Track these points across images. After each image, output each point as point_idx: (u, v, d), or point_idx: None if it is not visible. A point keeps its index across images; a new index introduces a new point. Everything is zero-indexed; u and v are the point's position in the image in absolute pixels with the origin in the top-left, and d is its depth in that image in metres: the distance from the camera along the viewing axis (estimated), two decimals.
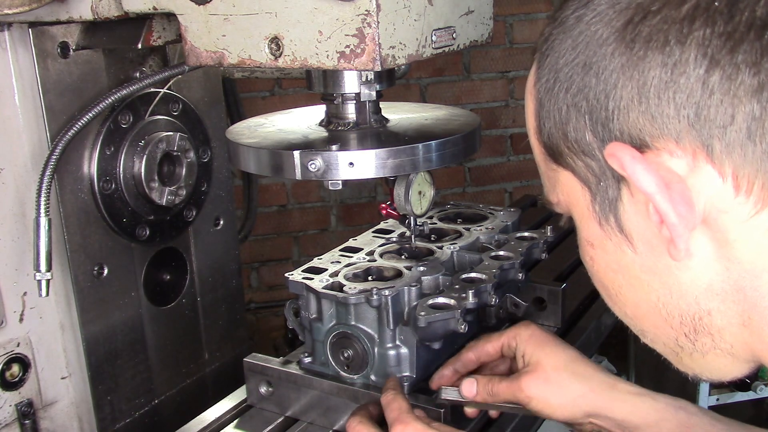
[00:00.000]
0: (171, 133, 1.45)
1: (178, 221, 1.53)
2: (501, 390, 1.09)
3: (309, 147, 1.13)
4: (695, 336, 0.72)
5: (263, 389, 1.28)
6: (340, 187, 1.12)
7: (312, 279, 1.24)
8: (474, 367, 1.21)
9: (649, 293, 0.73)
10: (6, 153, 1.26)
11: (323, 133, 1.22)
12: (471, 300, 1.17)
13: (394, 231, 1.46)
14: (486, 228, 1.45)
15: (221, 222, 1.65)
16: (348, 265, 1.30)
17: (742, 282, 0.67)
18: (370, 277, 1.29)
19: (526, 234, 1.43)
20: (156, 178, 1.42)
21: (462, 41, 1.13)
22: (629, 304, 0.77)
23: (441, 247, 1.36)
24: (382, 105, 1.26)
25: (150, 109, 1.42)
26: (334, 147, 1.11)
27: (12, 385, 1.32)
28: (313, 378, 1.23)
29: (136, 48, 1.27)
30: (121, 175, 1.39)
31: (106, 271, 1.40)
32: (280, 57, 1.04)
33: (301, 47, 1.02)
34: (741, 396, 2.56)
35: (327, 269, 1.28)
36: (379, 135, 1.20)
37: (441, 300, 1.19)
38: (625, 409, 1.01)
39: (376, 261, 1.32)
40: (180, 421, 1.27)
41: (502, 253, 1.33)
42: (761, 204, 0.63)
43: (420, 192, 1.24)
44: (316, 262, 1.32)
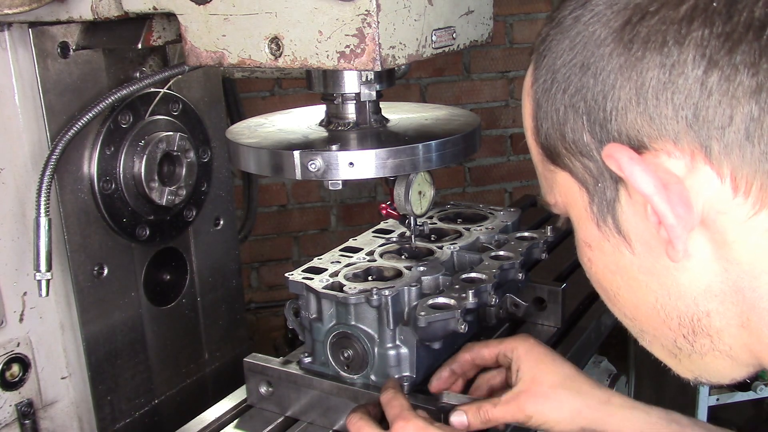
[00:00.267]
0: (171, 133, 1.45)
1: (178, 221, 1.53)
2: (496, 415, 1.08)
3: (309, 147, 1.13)
4: (694, 337, 0.72)
5: (263, 389, 1.28)
6: (340, 187, 1.12)
7: (312, 279, 1.24)
8: (470, 369, 1.21)
9: (648, 294, 0.73)
10: (6, 153, 1.26)
11: (323, 133, 1.22)
12: (471, 300, 1.17)
13: (394, 231, 1.46)
14: (486, 228, 1.45)
15: (221, 222, 1.65)
16: (348, 265, 1.30)
17: (740, 283, 0.67)
18: (370, 277, 1.29)
19: (526, 234, 1.43)
20: (156, 178, 1.42)
21: (462, 41, 1.13)
22: (628, 305, 0.77)
23: (441, 247, 1.36)
24: (382, 105, 1.26)
25: (150, 109, 1.42)
26: (334, 147, 1.11)
27: (12, 385, 1.32)
28: (313, 378, 1.23)
29: (136, 48, 1.27)
30: (121, 175, 1.39)
31: (106, 271, 1.40)
32: (280, 57, 1.04)
33: (301, 47, 1.02)
34: (741, 396, 2.56)
35: (327, 269, 1.28)
36: (379, 135, 1.20)
37: (441, 300, 1.19)
38: (619, 423, 1.04)
39: (376, 261, 1.32)
40: (180, 421, 1.27)
41: (502, 253, 1.33)
42: (759, 205, 0.63)
43: (420, 192, 1.24)
44: (316, 262, 1.32)
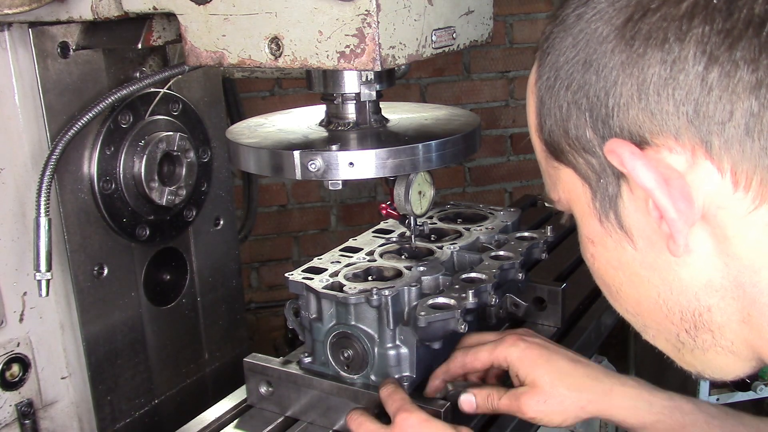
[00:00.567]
0: (171, 133, 1.45)
1: (178, 221, 1.53)
2: (502, 406, 1.11)
3: (309, 147, 1.13)
4: (696, 332, 0.72)
5: (263, 389, 1.27)
6: (340, 187, 1.12)
7: (312, 279, 1.24)
8: (462, 378, 1.22)
9: (650, 289, 0.73)
10: (6, 153, 1.26)
11: (323, 133, 1.22)
12: (471, 300, 1.17)
13: (394, 231, 1.46)
14: (486, 228, 1.45)
15: (221, 222, 1.65)
16: (348, 265, 1.30)
17: (741, 278, 0.67)
18: (370, 277, 1.29)
19: (526, 234, 1.43)
20: (156, 178, 1.42)
21: (462, 41, 1.13)
22: (630, 300, 0.77)
23: (441, 247, 1.36)
24: (382, 105, 1.26)
25: (150, 109, 1.42)
26: (334, 147, 1.11)
27: (12, 385, 1.32)
28: (313, 378, 1.23)
29: (136, 48, 1.27)
30: (121, 175, 1.39)
31: (106, 271, 1.40)
32: (280, 57, 1.04)
33: (301, 47, 1.02)
34: (741, 396, 2.55)
35: (327, 269, 1.28)
36: (379, 135, 1.20)
37: (441, 300, 1.18)
38: (623, 413, 1.07)
39: (376, 261, 1.32)
40: (180, 421, 1.27)
41: (502, 253, 1.33)
42: (759, 200, 0.63)
43: (420, 192, 1.24)
44: (316, 262, 1.32)
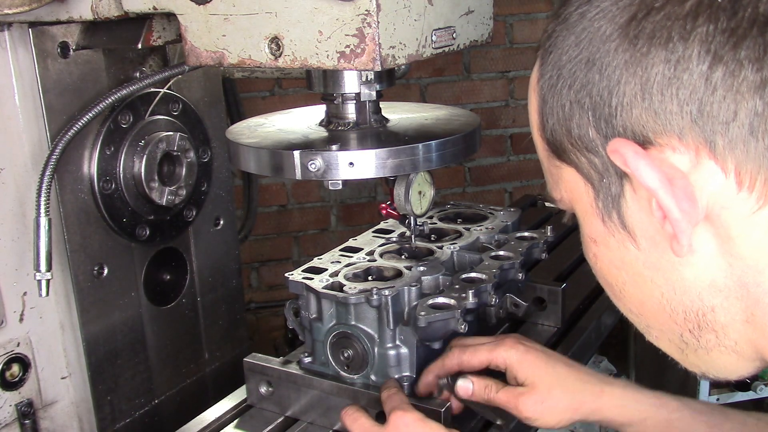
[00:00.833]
0: (171, 133, 1.45)
1: (178, 221, 1.53)
2: (498, 399, 1.12)
3: (309, 147, 1.13)
4: (699, 332, 0.72)
5: (263, 389, 1.27)
6: (340, 187, 1.12)
7: (312, 279, 1.24)
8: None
9: (653, 289, 0.73)
10: (6, 153, 1.26)
11: (323, 133, 1.22)
12: (471, 300, 1.17)
13: (394, 231, 1.46)
14: (486, 228, 1.45)
15: (221, 222, 1.65)
16: (348, 265, 1.30)
17: (745, 278, 0.67)
18: (370, 277, 1.28)
19: (526, 234, 1.43)
20: (156, 178, 1.42)
21: (462, 41, 1.13)
22: (633, 300, 0.77)
23: (441, 247, 1.35)
24: (382, 105, 1.26)
25: (150, 109, 1.42)
26: (334, 147, 1.11)
27: (12, 385, 1.32)
28: (313, 378, 1.23)
29: (136, 48, 1.27)
30: (121, 175, 1.38)
31: (106, 271, 1.40)
32: (280, 57, 1.04)
33: (301, 47, 1.02)
34: (741, 396, 2.55)
35: (327, 269, 1.28)
36: (379, 135, 1.20)
37: (441, 300, 1.18)
38: (612, 412, 1.11)
39: (376, 261, 1.32)
40: (180, 421, 1.27)
41: (502, 253, 1.33)
42: (763, 200, 0.63)
43: (420, 192, 1.24)
44: (316, 262, 1.32)
